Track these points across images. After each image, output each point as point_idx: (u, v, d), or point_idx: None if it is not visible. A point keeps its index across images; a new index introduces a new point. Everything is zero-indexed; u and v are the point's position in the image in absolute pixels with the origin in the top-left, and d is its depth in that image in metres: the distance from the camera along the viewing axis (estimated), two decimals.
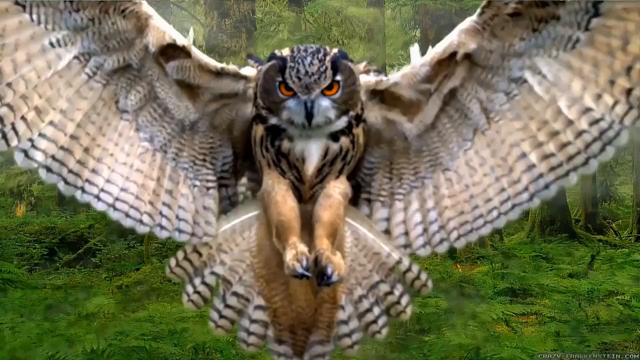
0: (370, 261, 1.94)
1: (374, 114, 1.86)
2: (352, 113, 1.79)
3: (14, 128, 1.65)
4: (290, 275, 1.72)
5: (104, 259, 8.98)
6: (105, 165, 1.77)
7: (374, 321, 1.93)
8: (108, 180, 1.77)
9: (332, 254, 1.73)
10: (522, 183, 1.77)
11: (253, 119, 1.84)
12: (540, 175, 1.74)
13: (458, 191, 1.83)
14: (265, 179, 1.86)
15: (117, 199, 1.78)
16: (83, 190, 1.75)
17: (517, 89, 1.73)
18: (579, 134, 1.67)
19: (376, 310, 1.94)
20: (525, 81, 1.71)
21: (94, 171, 1.75)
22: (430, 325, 5.82)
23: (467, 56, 1.74)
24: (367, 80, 1.86)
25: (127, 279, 7.89)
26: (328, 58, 1.71)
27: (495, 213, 1.81)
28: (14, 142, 1.65)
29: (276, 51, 1.79)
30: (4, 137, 1.65)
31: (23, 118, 1.66)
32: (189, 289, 1.91)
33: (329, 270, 1.69)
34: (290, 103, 1.73)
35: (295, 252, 1.71)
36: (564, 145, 1.69)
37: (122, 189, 1.78)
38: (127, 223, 1.80)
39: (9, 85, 1.63)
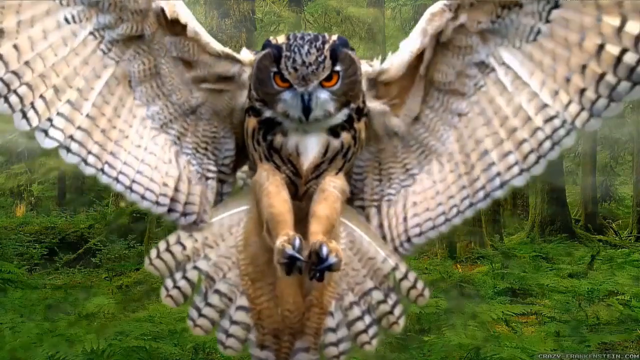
0: (365, 266, 1.83)
1: (372, 106, 1.78)
2: (353, 106, 1.70)
3: (33, 107, 1.63)
4: (279, 261, 1.58)
5: (104, 259, 8.98)
6: (122, 147, 1.75)
7: (364, 330, 1.82)
8: (125, 163, 1.75)
9: (328, 240, 1.60)
10: (480, 181, 1.75)
11: (246, 111, 1.76)
12: (498, 174, 1.73)
13: (427, 187, 1.81)
14: (259, 170, 1.77)
15: (133, 181, 1.76)
16: (103, 171, 1.74)
17: (483, 79, 1.72)
18: (534, 131, 1.68)
19: (367, 319, 1.83)
20: (491, 71, 1.71)
21: (112, 154, 1.74)
22: (430, 325, 5.82)
23: (438, 38, 1.71)
24: (367, 69, 1.77)
25: (127, 279, 7.90)
26: (327, 46, 1.62)
27: (455, 211, 1.79)
28: (34, 122, 1.64)
29: (271, 38, 1.69)
30: (25, 116, 1.63)
31: (42, 97, 1.64)
32: (169, 283, 1.81)
33: (324, 250, 1.55)
34: (286, 95, 1.64)
35: (287, 237, 1.59)
36: (520, 143, 1.69)
37: (138, 172, 1.76)
38: (144, 205, 1.79)
39: (26, 63, 1.61)
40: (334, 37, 1.66)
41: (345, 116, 1.69)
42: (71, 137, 1.69)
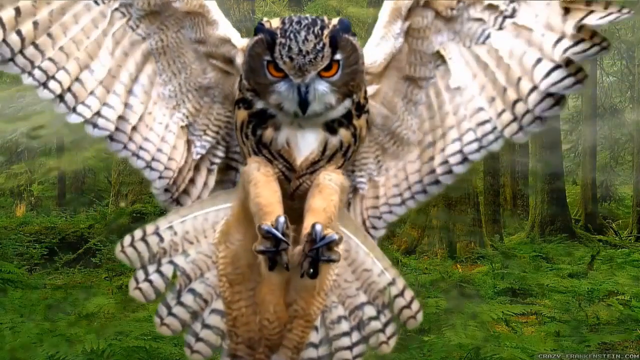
0: (359, 278, 1.69)
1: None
2: (354, 98, 1.58)
3: (70, 90, 1.63)
4: (257, 248, 1.45)
5: (104, 259, 8.97)
6: (144, 123, 1.72)
7: (349, 348, 1.67)
8: (146, 139, 1.72)
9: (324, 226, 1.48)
10: (421, 173, 1.75)
11: (236, 103, 1.63)
12: (432, 171, 1.74)
13: (394, 175, 1.79)
14: (249, 162, 1.64)
15: (153, 158, 1.73)
16: (125, 147, 1.71)
17: (433, 70, 1.71)
18: (466, 131, 1.69)
19: (355, 336, 1.68)
20: (441, 64, 1.70)
21: (134, 129, 1.71)
22: (430, 325, 5.81)
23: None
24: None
25: (127, 279, 7.86)
26: (326, 32, 1.48)
27: (408, 194, 1.78)
28: (72, 104, 1.64)
29: (264, 21, 1.54)
30: (62, 99, 1.64)
31: (78, 79, 1.64)
32: (140, 275, 1.67)
33: (318, 228, 1.42)
34: (281, 87, 1.52)
35: (273, 220, 1.46)
36: (453, 141, 1.71)
37: (158, 149, 1.73)
38: (159, 184, 1.75)
39: (61, 49, 1.61)
40: (334, 22, 1.53)
41: (345, 109, 1.57)
42: (98, 113, 1.67)
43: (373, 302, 1.70)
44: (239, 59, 1.68)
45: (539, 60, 1.57)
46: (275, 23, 1.52)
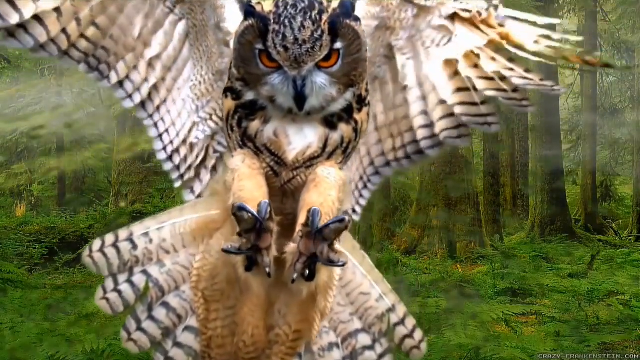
0: (354, 303, 1.55)
1: None
2: (355, 90, 1.43)
3: (115, 70, 1.63)
4: (234, 234, 1.30)
5: None
6: (172, 97, 1.69)
7: None
8: (168, 112, 1.69)
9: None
10: (377, 154, 1.69)
11: (224, 91, 1.50)
12: (381, 154, 1.68)
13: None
14: (235, 154, 1.49)
15: (166, 130, 1.69)
16: (151, 117, 1.68)
17: (386, 64, 1.63)
18: (409, 129, 1.63)
19: None
20: (394, 57, 1.61)
21: (164, 102, 1.68)
22: (430, 325, 5.81)
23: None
24: None
25: None
26: (325, 18, 1.32)
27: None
28: (114, 80, 1.64)
29: (254, 3, 1.37)
30: (107, 77, 1.64)
31: (123, 59, 1.63)
32: (108, 283, 1.53)
33: (316, 209, 1.28)
34: (274, 79, 1.37)
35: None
36: (399, 134, 1.65)
37: (172, 123, 1.69)
38: (161, 156, 1.70)
39: (111, 37, 1.60)
40: (334, 5, 1.37)
41: (345, 102, 1.43)
42: (139, 89, 1.67)
43: (369, 329, 1.54)
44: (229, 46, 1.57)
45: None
46: (268, 5, 1.35)
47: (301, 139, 1.44)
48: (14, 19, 1.48)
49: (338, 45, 1.35)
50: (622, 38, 16.40)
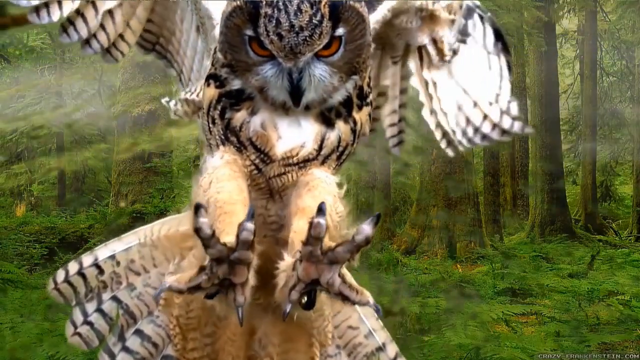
0: (342, 336, 1.38)
1: None
2: (357, 80, 1.25)
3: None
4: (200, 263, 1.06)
5: None
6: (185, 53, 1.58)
7: None
8: (186, 65, 1.58)
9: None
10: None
11: (206, 79, 1.31)
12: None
13: None
14: (215, 155, 1.30)
15: (181, 70, 1.60)
16: (170, 64, 1.59)
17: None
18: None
19: None
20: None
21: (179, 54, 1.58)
22: (430, 325, 5.81)
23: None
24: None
25: None
26: (324, 0, 1.14)
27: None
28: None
29: None
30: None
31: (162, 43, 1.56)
32: (77, 316, 1.40)
33: (320, 223, 1.00)
34: (267, 70, 1.20)
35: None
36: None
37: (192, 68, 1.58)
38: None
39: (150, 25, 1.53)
40: None
41: (346, 93, 1.25)
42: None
43: None
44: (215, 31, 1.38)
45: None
46: None
47: (293, 134, 1.25)
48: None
49: (340, 31, 1.17)
50: (622, 38, 16.41)
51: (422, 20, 1.44)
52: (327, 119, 1.26)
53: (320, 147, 1.26)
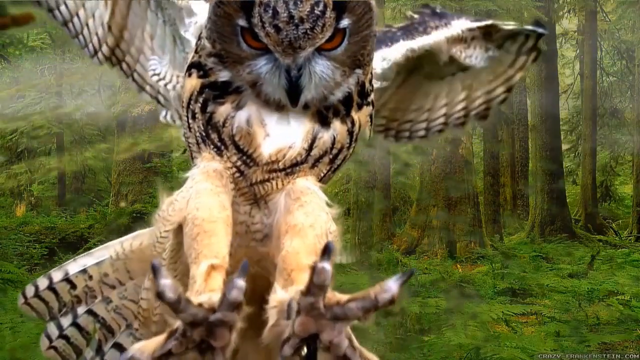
0: None
1: None
2: (360, 76, 1.13)
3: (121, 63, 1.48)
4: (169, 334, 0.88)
5: None
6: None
7: None
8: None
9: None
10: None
11: (187, 68, 1.18)
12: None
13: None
14: (198, 162, 1.17)
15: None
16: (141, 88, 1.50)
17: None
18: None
19: None
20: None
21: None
22: (430, 325, 5.81)
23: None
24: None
25: None
26: None
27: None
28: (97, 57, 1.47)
29: None
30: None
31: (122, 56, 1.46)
32: (52, 329, 1.33)
33: (325, 266, 0.84)
34: (262, 65, 1.08)
35: (210, 266, 0.94)
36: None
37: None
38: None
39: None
40: None
41: (347, 89, 1.13)
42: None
43: None
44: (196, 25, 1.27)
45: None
46: None
47: (282, 133, 1.12)
48: None
49: (345, 23, 1.05)
50: (622, 38, 16.40)
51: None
52: (323, 118, 1.13)
53: (311, 147, 1.13)
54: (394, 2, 13.00)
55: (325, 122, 1.13)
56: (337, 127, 1.14)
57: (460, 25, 1.44)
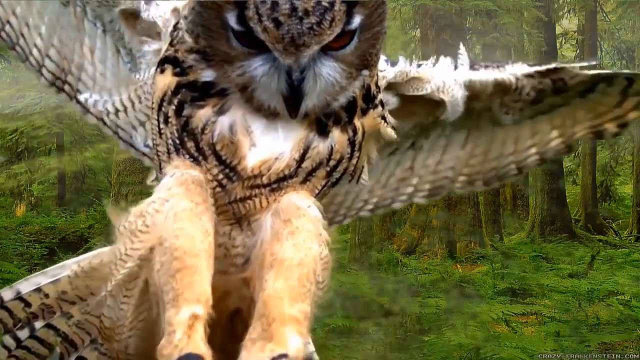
0: None
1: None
2: (368, 75, 0.99)
3: (68, 84, 1.36)
4: None
5: None
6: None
7: None
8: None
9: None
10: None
11: (159, 62, 1.03)
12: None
13: None
14: (168, 172, 1.01)
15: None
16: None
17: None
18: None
19: None
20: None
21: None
22: (430, 325, 5.82)
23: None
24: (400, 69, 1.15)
25: None
26: None
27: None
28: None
29: None
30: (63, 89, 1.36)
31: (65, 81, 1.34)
32: (9, 341, 1.26)
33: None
34: (256, 67, 0.93)
35: (191, 316, 0.85)
36: None
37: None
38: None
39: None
40: None
41: (352, 93, 0.99)
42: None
43: None
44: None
45: None
46: None
47: (271, 142, 0.97)
48: None
49: (356, 20, 0.90)
50: (622, 38, 16.41)
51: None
52: (321, 126, 0.98)
53: (302, 159, 0.98)
54: (394, 2, 13.01)
55: (323, 131, 0.98)
56: (336, 136, 0.99)
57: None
